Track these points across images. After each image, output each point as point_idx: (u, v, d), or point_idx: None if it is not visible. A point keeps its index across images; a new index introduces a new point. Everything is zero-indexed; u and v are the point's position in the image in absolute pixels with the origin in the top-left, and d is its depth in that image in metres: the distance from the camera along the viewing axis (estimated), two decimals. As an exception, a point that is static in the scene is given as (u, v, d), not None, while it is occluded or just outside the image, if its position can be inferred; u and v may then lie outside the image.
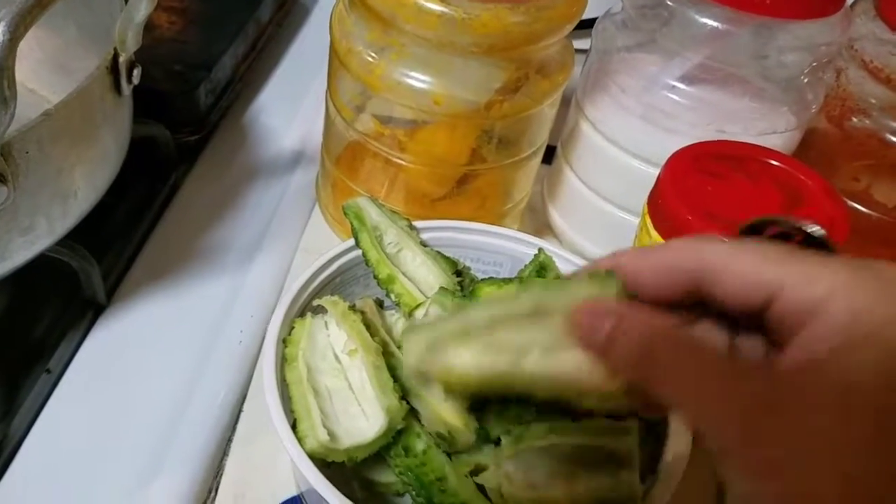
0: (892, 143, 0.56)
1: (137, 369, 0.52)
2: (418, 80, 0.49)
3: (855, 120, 0.57)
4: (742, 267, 0.28)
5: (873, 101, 0.56)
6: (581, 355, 0.30)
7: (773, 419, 0.25)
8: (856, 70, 0.56)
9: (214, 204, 0.63)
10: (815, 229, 0.36)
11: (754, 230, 0.37)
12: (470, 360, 0.33)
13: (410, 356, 0.34)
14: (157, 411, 0.49)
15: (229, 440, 0.50)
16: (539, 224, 0.65)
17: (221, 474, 0.48)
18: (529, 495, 0.38)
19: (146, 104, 0.58)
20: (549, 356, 0.31)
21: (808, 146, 0.58)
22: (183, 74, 0.66)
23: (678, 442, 0.41)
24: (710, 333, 0.32)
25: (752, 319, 0.29)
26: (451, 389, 0.35)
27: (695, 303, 0.31)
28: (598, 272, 0.31)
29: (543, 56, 0.51)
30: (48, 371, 0.50)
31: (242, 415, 0.51)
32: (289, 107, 0.74)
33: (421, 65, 0.49)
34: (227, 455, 0.49)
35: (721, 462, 0.26)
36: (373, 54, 0.50)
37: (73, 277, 0.52)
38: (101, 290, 0.54)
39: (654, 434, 0.43)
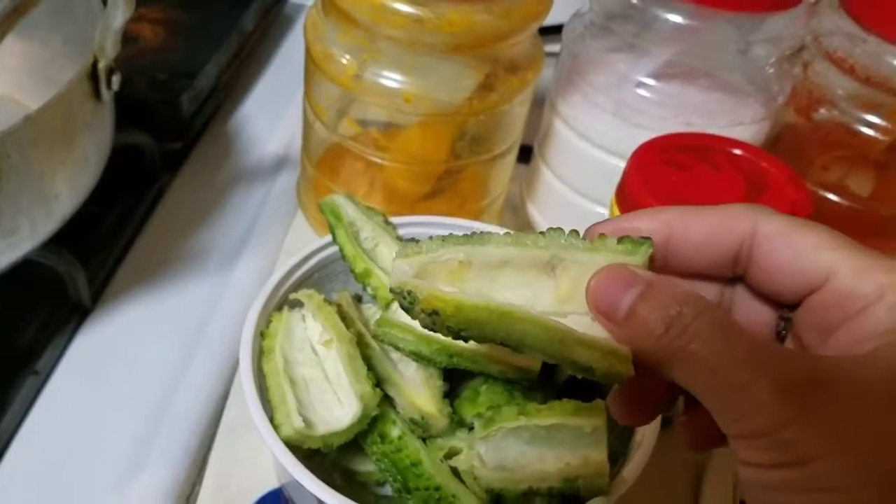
0: (859, 132, 0.57)
1: (122, 370, 0.53)
2: (392, 80, 0.50)
3: (823, 111, 0.58)
4: (796, 245, 0.27)
5: (840, 91, 0.57)
6: (577, 325, 0.28)
7: (812, 401, 0.23)
8: (821, 62, 0.58)
9: (198, 209, 0.65)
10: None
11: None
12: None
13: (396, 275, 0.30)
14: (143, 410, 0.50)
15: (213, 436, 0.51)
16: (520, 222, 0.67)
17: (205, 469, 0.49)
18: (501, 476, 0.39)
19: (131, 113, 0.59)
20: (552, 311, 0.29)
21: (780, 139, 0.59)
22: (166, 83, 0.67)
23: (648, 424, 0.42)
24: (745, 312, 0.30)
25: (787, 301, 0.28)
26: (431, 322, 0.29)
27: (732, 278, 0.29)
28: (630, 238, 0.29)
29: (512, 54, 0.52)
30: (36, 373, 0.51)
31: (225, 411, 0.52)
32: (272, 114, 0.75)
33: (394, 66, 0.50)
34: (211, 450, 0.50)
35: (744, 449, 0.25)
36: (347, 56, 0.51)
37: (59, 282, 0.54)
38: (86, 294, 0.55)
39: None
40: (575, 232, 0.30)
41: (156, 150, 0.65)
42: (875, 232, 0.62)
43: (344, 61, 0.51)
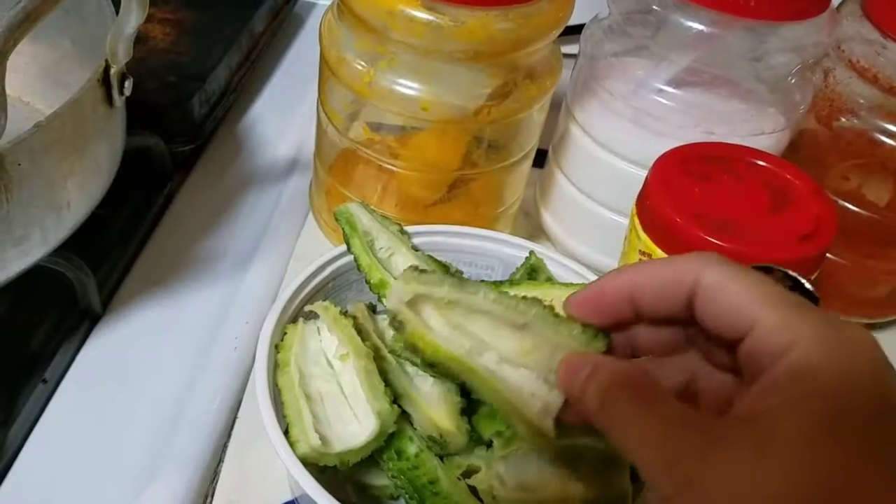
0: (881, 142, 0.56)
1: (133, 378, 0.52)
2: (407, 87, 0.49)
3: (843, 120, 0.57)
4: (729, 296, 0.28)
5: (861, 100, 0.56)
6: (525, 379, 0.34)
7: (698, 469, 0.25)
8: (843, 70, 0.57)
9: (209, 213, 0.64)
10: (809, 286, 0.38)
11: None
12: (439, 329, 0.36)
13: (392, 298, 0.36)
14: (153, 419, 0.50)
15: (225, 446, 0.50)
16: (532, 228, 0.66)
17: (217, 481, 0.48)
18: (521, 497, 0.38)
19: (141, 115, 0.58)
20: (501, 365, 0.35)
21: (798, 147, 0.58)
22: (177, 85, 0.66)
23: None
24: (688, 365, 0.33)
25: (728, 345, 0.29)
26: (413, 350, 0.36)
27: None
28: (591, 329, 0.33)
29: (531, 61, 0.51)
30: (45, 381, 0.50)
31: (238, 421, 0.51)
32: (283, 116, 0.74)
33: (410, 72, 0.49)
34: (223, 461, 0.49)
35: None
36: (362, 63, 0.50)
37: (69, 288, 0.53)
38: (96, 299, 0.54)
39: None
40: (551, 308, 0.35)
41: (166, 153, 0.64)
42: (892, 242, 0.61)
43: (359, 67, 0.50)
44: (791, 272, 0.38)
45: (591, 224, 0.59)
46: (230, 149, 0.70)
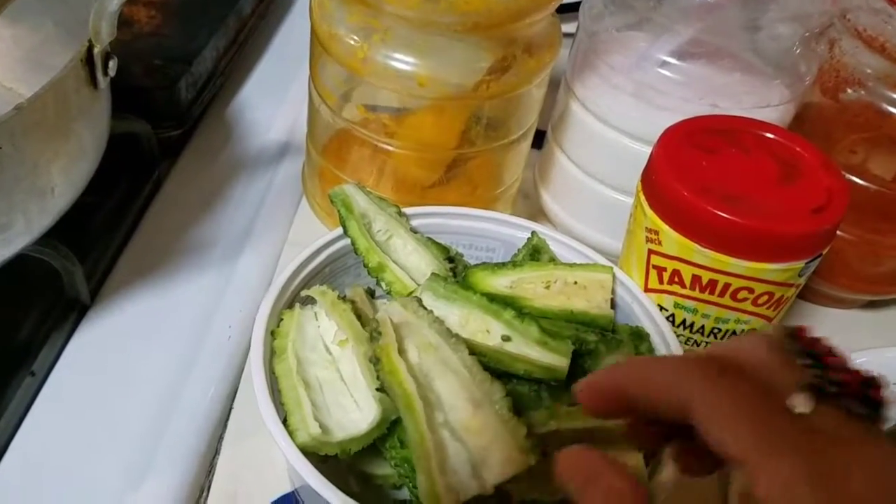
0: (889, 113, 0.55)
1: (124, 369, 0.50)
2: (403, 62, 0.48)
3: (850, 91, 0.55)
4: (720, 435, 0.27)
5: (868, 70, 0.55)
6: (456, 453, 0.35)
7: None
8: (849, 40, 0.55)
9: (199, 199, 0.62)
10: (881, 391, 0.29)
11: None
12: (409, 359, 0.37)
13: (383, 311, 0.39)
14: (146, 411, 0.48)
15: (220, 438, 0.49)
16: (532, 209, 0.64)
17: (213, 473, 0.47)
18: (532, 485, 0.37)
19: (127, 100, 0.56)
20: (443, 428, 0.36)
21: (804, 120, 0.57)
22: (163, 69, 0.64)
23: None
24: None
25: None
26: (376, 362, 0.37)
27: None
28: (534, 438, 0.36)
29: (529, 34, 0.50)
30: (32, 374, 0.49)
31: (233, 411, 0.50)
32: (273, 99, 0.72)
33: (405, 46, 0.47)
34: (219, 453, 0.48)
35: None
36: (355, 37, 0.48)
37: (55, 277, 0.51)
38: (84, 289, 0.53)
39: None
40: (510, 402, 0.36)
41: (153, 138, 0.63)
42: (897, 216, 0.60)
43: (352, 42, 0.49)
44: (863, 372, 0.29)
45: (592, 203, 0.58)
46: (219, 133, 0.69)
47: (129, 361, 0.51)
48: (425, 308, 0.39)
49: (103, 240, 0.57)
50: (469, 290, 0.42)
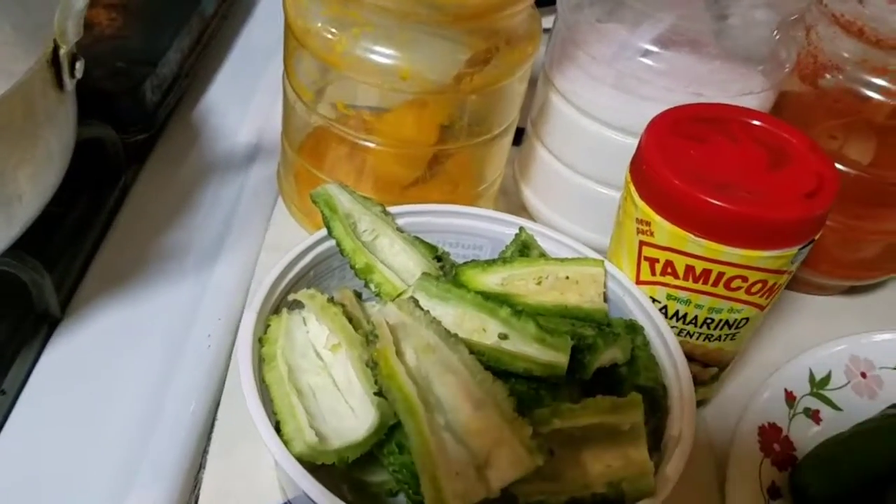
0: (867, 97, 0.55)
1: (99, 384, 0.48)
2: (383, 55, 0.46)
3: (828, 77, 0.55)
4: None
5: (846, 55, 0.54)
6: (459, 456, 0.34)
7: None
8: (826, 26, 0.55)
9: (169, 204, 0.60)
10: None
11: None
12: (407, 362, 0.36)
13: (380, 314, 0.38)
14: (125, 427, 0.46)
15: (205, 451, 0.47)
16: (512, 206, 0.63)
17: (199, 488, 0.45)
18: (538, 487, 0.36)
19: (90, 104, 0.54)
20: (444, 431, 0.35)
21: (782, 107, 0.56)
22: (127, 71, 0.62)
23: (683, 412, 0.39)
24: None
25: None
26: (374, 367, 0.36)
27: None
28: (540, 438, 0.35)
29: (511, 25, 0.49)
30: (3, 392, 0.47)
31: (217, 423, 0.48)
32: (240, 100, 0.71)
33: (385, 39, 0.46)
34: (204, 467, 0.46)
35: None
36: (332, 30, 0.47)
37: (23, 291, 0.49)
38: (54, 302, 0.50)
39: (653, 407, 0.41)
40: (514, 401, 0.36)
41: (119, 144, 0.60)
42: (877, 201, 0.60)
43: (330, 36, 0.47)
44: None
45: (575, 197, 0.57)
46: (186, 137, 0.66)
47: (104, 376, 0.49)
48: (422, 308, 0.37)
49: (71, 250, 0.55)
50: (462, 288, 0.41)
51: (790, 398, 0.53)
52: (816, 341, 0.57)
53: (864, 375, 0.56)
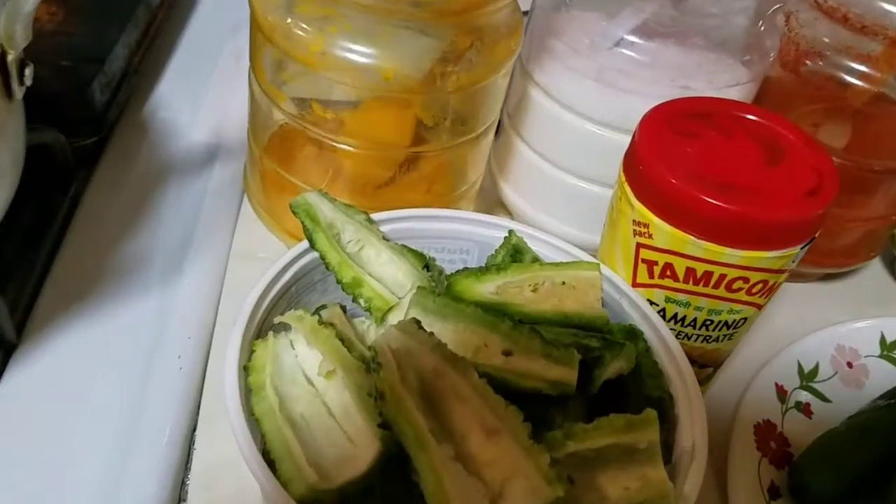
0: (848, 83, 0.54)
1: (63, 415, 0.45)
2: (362, 54, 0.43)
3: (809, 64, 0.54)
4: None
5: (827, 40, 0.53)
6: (472, 490, 0.31)
7: None
8: (807, 12, 0.54)
9: (125, 213, 0.56)
10: None
11: None
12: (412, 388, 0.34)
13: (381, 339, 0.35)
14: (94, 462, 0.43)
15: (184, 483, 0.44)
16: (490, 203, 0.61)
17: (181, 524, 0.42)
18: None
19: (34, 108, 0.50)
20: (455, 462, 0.32)
21: (764, 95, 0.55)
22: (72, 70, 0.58)
23: (694, 422, 0.38)
24: None
25: None
26: (380, 396, 0.34)
27: None
28: (559, 467, 0.32)
29: (493, 20, 0.46)
30: (-43, 428, 0.43)
31: (195, 452, 0.45)
32: (193, 96, 0.67)
33: (364, 37, 0.43)
34: (185, 501, 0.43)
35: None
36: (304, 26, 0.44)
37: (-28, 316, 0.45)
38: (8, 325, 0.46)
39: (661, 418, 0.39)
40: (528, 428, 0.33)
41: (67, 148, 0.56)
42: (854, 187, 0.59)
43: (302, 34, 0.44)
44: None
45: (557, 194, 0.55)
46: (139, 137, 0.62)
47: (68, 406, 0.45)
48: (425, 330, 0.35)
49: (23, 267, 0.51)
50: (460, 301, 0.39)
51: (781, 392, 0.53)
52: (799, 329, 0.56)
53: (850, 365, 0.56)
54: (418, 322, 0.35)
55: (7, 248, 0.51)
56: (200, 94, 0.67)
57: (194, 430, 0.46)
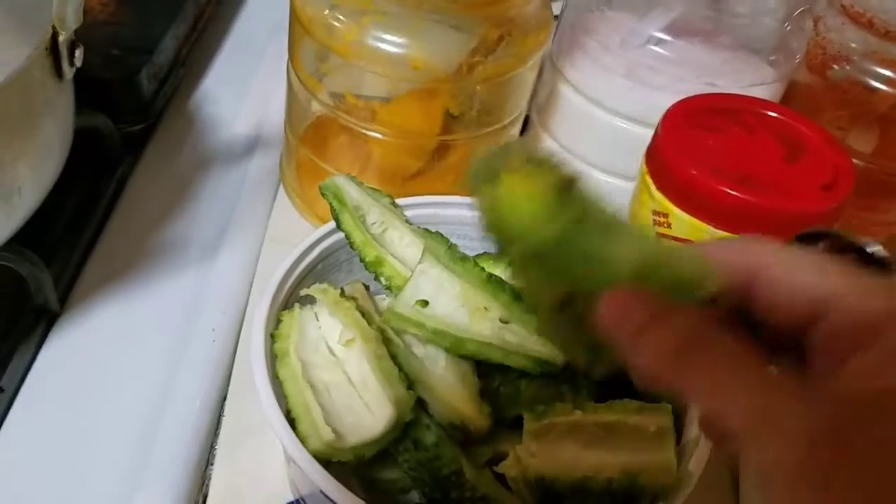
0: (875, 88, 0.54)
1: (101, 381, 0.47)
2: (395, 44, 0.45)
3: (836, 68, 0.55)
4: (797, 275, 0.26)
5: (854, 45, 0.54)
6: None
7: (841, 453, 0.21)
8: (834, 17, 0.55)
9: (168, 196, 0.59)
10: (876, 249, 0.34)
11: (807, 240, 0.34)
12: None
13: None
14: (129, 424, 0.45)
15: (212, 448, 0.46)
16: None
17: (208, 486, 0.44)
18: (556, 473, 0.35)
19: (85, 93, 0.53)
20: None
21: (790, 98, 0.56)
22: (122, 59, 0.61)
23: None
24: None
25: (790, 337, 0.26)
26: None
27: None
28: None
29: (523, 12, 0.48)
30: (1, 389, 0.45)
31: (224, 419, 0.47)
32: (238, 88, 0.69)
33: (395, 28, 0.45)
34: (212, 464, 0.45)
35: (761, 487, 0.22)
36: (341, 18, 0.46)
37: (20, 285, 0.47)
38: (52, 296, 0.49)
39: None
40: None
41: (115, 134, 0.59)
42: (882, 191, 0.60)
43: (338, 24, 0.46)
44: (851, 235, 0.35)
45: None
46: (184, 126, 0.65)
47: (106, 372, 0.47)
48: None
49: (69, 243, 0.53)
50: (468, 261, 0.40)
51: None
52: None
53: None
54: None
55: (56, 225, 0.54)
56: (244, 88, 0.69)
57: (225, 398, 0.48)
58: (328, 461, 0.35)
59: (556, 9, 0.55)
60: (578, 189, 0.27)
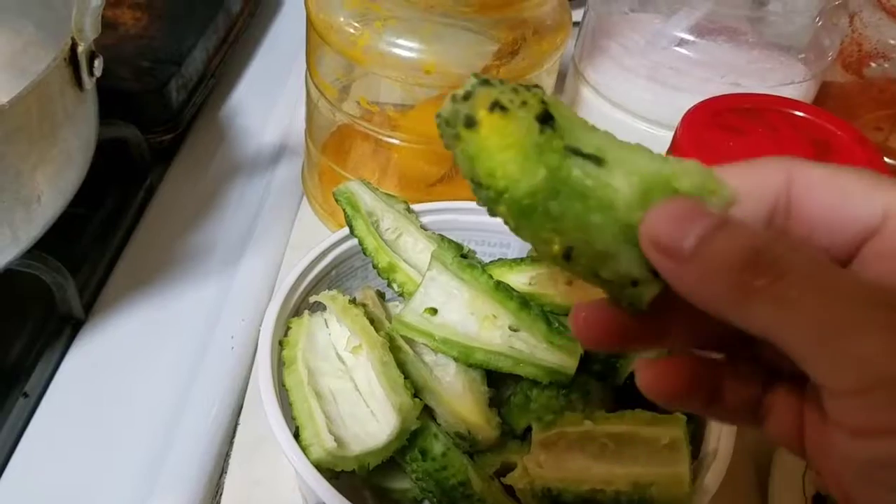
0: (916, 87, 0.52)
1: (122, 387, 0.47)
2: (406, 48, 0.45)
3: (874, 65, 0.53)
4: (842, 190, 0.23)
5: (892, 42, 0.52)
6: None
7: None
8: (871, 12, 0.53)
9: (194, 206, 0.59)
10: None
11: None
12: None
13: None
14: (147, 431, 0.45)
15: (227, 455, 0.46)
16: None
17: (221, 493, 0.44)
18: (563, 484, 0.34)
19: (115, 104, 0.54)
20: None
21: (826, 98, 0.54)
22: (152, 71, 0.62)
23: (722, 427, 0.37)
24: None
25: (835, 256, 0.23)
26: None
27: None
28: None
29: (539, 14, 0.47)
30: (25, 395, 0.46)
31: (239, 428, 0.47)
32: (266, 100, 0.70)
33: (408, 32, 0.45)
34: (226, 472, 0.45)
35: (851, 411, 0.20)
36: (354, 24, 0.46)
37: (46, 293, 0.48)
38: (77, 304, 0.50)
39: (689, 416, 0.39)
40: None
41: (144, 144, 0.60)
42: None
43: (352, 30, 0.46)
44: None
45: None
46: (212, 137, 0.66)
47: (127, 379, 0.48)
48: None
49: (95, 251, 0.54)
50: (476, 268, 0.40)
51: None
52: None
53: None
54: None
55: (84, 234, 0.55)
56: (273, 99, 0.70)
57: (241, 406, 0.48)
58: (339, 472, 0.35)
59: (577, 16, 0.55)
60: (557, 118, 0.24)
